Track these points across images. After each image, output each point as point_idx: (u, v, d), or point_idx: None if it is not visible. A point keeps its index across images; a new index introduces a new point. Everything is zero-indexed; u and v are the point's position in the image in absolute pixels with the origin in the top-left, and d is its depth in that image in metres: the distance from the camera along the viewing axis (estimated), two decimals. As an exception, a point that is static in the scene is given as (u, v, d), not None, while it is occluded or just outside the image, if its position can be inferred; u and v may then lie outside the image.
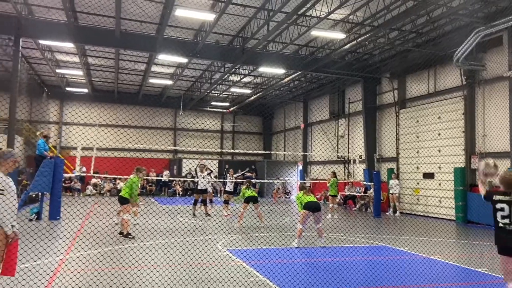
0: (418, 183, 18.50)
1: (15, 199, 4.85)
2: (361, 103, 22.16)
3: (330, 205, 16.87)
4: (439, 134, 17.48)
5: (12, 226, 4.78)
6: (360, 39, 16.19)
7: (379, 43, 17.54)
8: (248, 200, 13.21)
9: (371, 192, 19.10)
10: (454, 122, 16.80)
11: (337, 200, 18.98)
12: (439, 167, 17.36)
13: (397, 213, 18.09)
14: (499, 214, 4.70)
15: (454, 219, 16.05)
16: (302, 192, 10.38)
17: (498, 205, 4.71)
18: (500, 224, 4.68)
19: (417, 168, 18.53)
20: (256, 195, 13.70)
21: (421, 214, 18.07)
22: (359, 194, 20.57)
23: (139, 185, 11.51)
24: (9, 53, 19.02)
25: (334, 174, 17.56)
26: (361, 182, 20.78)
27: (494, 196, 4.78)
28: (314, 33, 16.38)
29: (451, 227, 14.80)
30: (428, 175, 17.95)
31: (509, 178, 4.73)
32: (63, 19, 16.42)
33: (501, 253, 4.71)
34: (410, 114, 19.23)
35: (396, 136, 20.04)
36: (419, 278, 6.97)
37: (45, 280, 6.14)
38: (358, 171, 22.43)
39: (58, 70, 23.93)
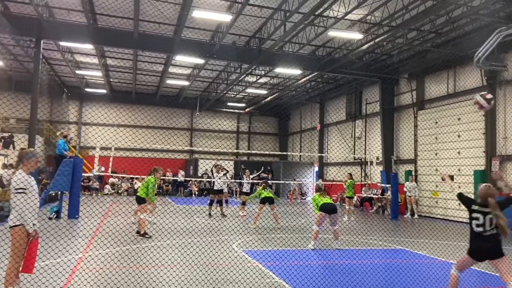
0: (437, 186, 18.19)
1: (36, 198, 4.97)
2: (378, 104, 21.91)
3: (347, 207, 16.74)
4: (459, 136, 17.16)
5: (33, 224, 4.89)
6: (378, 39, 16.02)
7: (398, 43, 17.33)
8: (264, 201, 13.20)
9: (388, 194, 18.86)
10: (474, 123, 16.47)
11: (354, 202, 18.79)
12: (459, 170, 17.04)
13: (415, 216, 17.81)
14: (474, 222, 5.46)
15: (474, 222, 15.70)
16: (318, 193, 10.33)
17: (474, 215, 5.46)
18: (475, 230, 5.43)
19: (436, 170, 18.22)
20: (273, 196, 13.67)
21: (440, 217, 17.76)
22: (376, 196, 20.33)
23: (156, 185, 11.62)
24: (31, 54, 19.46)
25: (351, 176, 17.39)
26: (378, 184, 20.55)
27: (472, 206, 5.52)
28: (331, 33, 16.28)
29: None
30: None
31: (484, 191, 5.44)
32: (83, 21, 16.72)
33: (470, 255, 5.45)
34: (429, 115, 18.93)
35: (414, 138, 19.75)
36: (437, 282, 6.85)
37: (64, 278, 6.24)
38: (375, 173, 22.18)
39: (77, 71, 24.36)
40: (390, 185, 17.97)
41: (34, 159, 5.05)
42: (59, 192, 14.22)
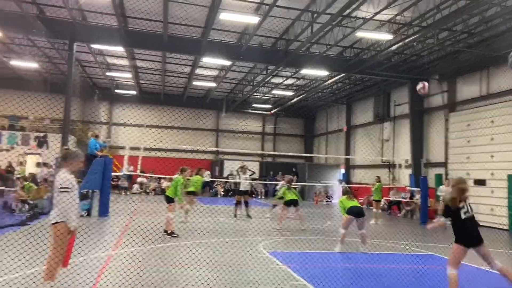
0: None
1: (77, 197, 5.18)
2: (407, 106, 21.48)
3: (374, 211, 16.48)
4: (492, 139, 16.60)
5: (74, 221, 5.07)
6: (407, 40, 15.72)
7: (428, 44, 16.95)
8: (289, 203, 13.16)
9: (417, 198, 18.45)
10: (508, 126, 15.89)
11: (381, 205, 18.44)
12: (492, 174, 16.48)
13: (448, 222, 17.10)
14: (462, 211, 6.01)
15: (507, 228, 15.18)
16: (345, 196, 10.23)
17: (460, 205, 6.05)
18: (463, 218, 5.96)
19: (468, 174, 17.66)
20: (297, 198, 13.60)
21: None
22: (405, 200, 19.92)
23: (183, 184, 11.75)
24: (65, 57, 20.10)
25: (379, 179, 17.07)
26: (407, 187, 20.13)
27: (459, 203, 6.04)
28: (359, 34, 16.10)
29: (503, 236, 13.98)
30: (480, 182, 17.07)
31: (463, 182, 6.36)
32: (114, 24, 17.15)
33: (461, 242, 5.87)
34: (461, 117, 18.41)
35: (445, 141, 19.25)
36: (469, 290, 6.64)
37: (95, 273, 6.42)
38: (403, 176, 21.75)
39: (108, 73, 25.00)
40: (419, 188, 17.56)
41: (77, 159, 5.27)
42: (90, 191, 14.62)
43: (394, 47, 16.50)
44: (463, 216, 5.95)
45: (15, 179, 17.73)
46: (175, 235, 10.43)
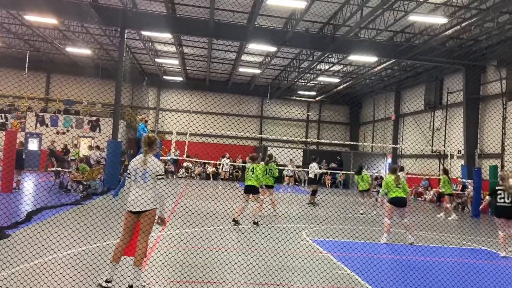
0: (526, 184, 16.60)
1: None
2: (461, 94, 20.41)
3: (444, 206, 15.25)
4: (556, 130, 15.46)
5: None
6: (464, 23, 14.83)
7: (487, 28, 15.92)
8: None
9: (469, 190, 17.61)
10: None
11: (453, 200, 16.59)
12: (554, 167, 15.40)
13: None
14: (498, 197, 8.47)
15: None
16: (393, 177, 9.54)
17: (499, 192, 8.52)
18: (498, 204, 8.52)
19: (526, 166, 16.65)
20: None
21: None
22: (456, 192, 19.05)
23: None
24: (115, 43, 20.79)
25: (446, 171, 15.59)
26: (458, 179, 19.25)
27: (496, 187, 8.73)
28: (412, 18, 15.40)
29: None
30: (539, 175, 16.00)
31: (501, 174, 8.91)
32: (163, 10, 17.46)
33: (499, 217, 8.56)
34: (520, 106, 17.26)
35: (502, 131, 18.16)
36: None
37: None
38: (455, 167, 20.81)
39: (156, 59, 25.61)
40: (471, 180, 16.73)
41: (158, 145, 5.43)
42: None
43: (449, 32, 15.65)
44: (499, 201, 8.40)
45: (70, 160, 18.70)
46: (236, 223, 10.24)
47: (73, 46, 23.39)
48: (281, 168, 22.54)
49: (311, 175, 16.30)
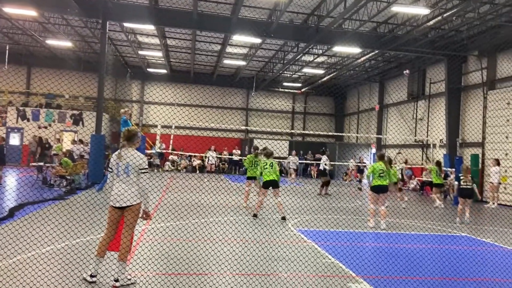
0: (506, 171, 17.02)
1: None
2: (443, 84, 20.70)
3: (434, 195, 15.45)
4: (534, 118, 15.83)
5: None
6: (446, 14, 15.00)
7: (468, 18, 16.12)
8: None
9: (451, 178, 17.94)
10: (553, 105, 15.09)
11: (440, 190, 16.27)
12: (532, 155, 15.79)
13: (495, 204, 15.90)
14: (462, 181, 11.39)
15: (548, 211, 14.60)
16: (380, 162, 10.23)
17: (461, 178, 11.45)
18: (462, 187, 11.42)
19: (506, 154, 17.03)
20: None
21: (509, 204, 16.66)
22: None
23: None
24: (97, 35, 20.44)
25: (438, 163, 15.72)
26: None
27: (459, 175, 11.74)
28: (395, 9, 15.50)
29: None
30: (519, 163, 16.42)
31: (462, 166, 12.01)
32: (145, 2, 17.21)
33: (462, 197, 11.45)
34: (501, 95, 17.60)
35: (483, 120, 18.51)
36: (505, 272, 6.47)
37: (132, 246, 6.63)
38: (438, 156, 21.16)
39: (140, 52, 25.29)
40: (453, 169, 17.05)
41: (139, 139, 5.36)
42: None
43: (431, 22, 15.81)
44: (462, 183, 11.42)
45: (53, 155, 18.43)
46: (255, 217, 10.32)
47: (54, 39, 22.93)
48: (281, 160, 22.51)
49: (321, 167, 16.71)
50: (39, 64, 28.06)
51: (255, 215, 10.36)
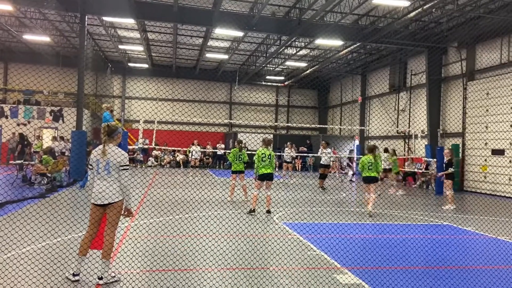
0: (485, 160, 17.39)
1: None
2: (424, 75, 20.96)
3: (392, 182, 16.59)
4: (512, 108, 16.19)
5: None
6: (426, 6, 15.13)
7: (447, 10, 16.31)
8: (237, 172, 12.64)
9: (433, 168, 18.24)
10: (530, 95, 15.44)
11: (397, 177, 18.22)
12: (511, 143, 16.16)
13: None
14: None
15: (526, 199, 14.98)
16: (370, 155, 10.95)
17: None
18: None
19: (485, 144, 17.38)
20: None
21: (489, 192, 17.05)
22: (420, 171, 19.73)
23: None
24: (76, 30, 20.00)
25: (394, 152, 17.54)
26: (422, 158, 19.90)
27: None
28: (376, 1, 15.56)
29: (521, 207, 13.83)
30: (498, 152, 16.79)
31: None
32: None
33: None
34: (480, 86, 17.93)
35: (463, 110, 18.83)
36: (486, 259, 6.61)
37: (115, 243, 6.53)
38: (419, 147, 21.48)
39: (120, 46, 24.86)
40: (435, 159, 17.34)
41: (119, 134, 5.21)
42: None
43: (411, 14, 15.93)
44: None
45: (33, 152, 18.04)
46: (252, 212, 10.17)
47: (31, 34, 22.34)
48: (282, 154, 22.20)
49: (324, 161, 16.73)
50: (16, 59, 27.37)
51: (252, 211, 10.02)
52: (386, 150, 18.08)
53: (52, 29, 22.46)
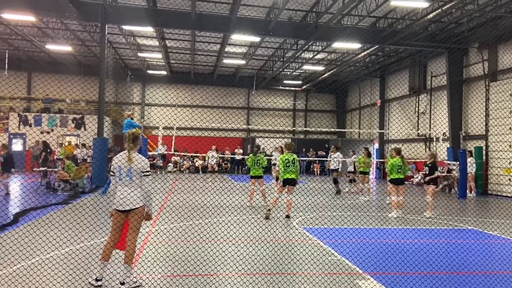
0: (510, 163, 16.93)
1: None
2: (445, 77, 20.59)
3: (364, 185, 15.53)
4: (537, 109, 15.73)
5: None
6: (445, 7, 14.90)
7: (468, 10, 16.01)
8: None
9: (455, 172, 17.86)
10: (556, 95, 14.98)
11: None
12: (537, 146, 15.70)
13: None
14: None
15: (554, 202, 14.50)
16: (398, 158, 11.31)
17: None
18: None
19: (510, 146, 16.93)
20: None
21: (513, 196, 16.59)
22: (442, 174, 19.32)
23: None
24: (97, 39, 20.43)
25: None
26: (444, 161, 19.51)
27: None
28: (394, 3, 15.40)
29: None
30: (523, 154, 16.33)
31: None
32: (143, 4, 17.18)
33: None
34: (503, 87, 17.50)
35: (486, 112, 18.40)
36: (513, 265, 6.41)
37: (136, 249, 6.60)
38: (441, 150, 21.07)
39: (139, 54, 25.27)
40: (457, 162, 16.97)
41: (140, 141, 5.34)
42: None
43: (431, 15, 15.72)
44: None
45: (57, 159, 18.44)
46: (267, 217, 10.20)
47: (53, 44, 22.93)
48: (306, 159, 21.92)
49: (333, 166, 16.84)
50: (39, 69, 28.10)
51: (268, 210, 10.12)
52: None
53: (74, 39, 23.00)
